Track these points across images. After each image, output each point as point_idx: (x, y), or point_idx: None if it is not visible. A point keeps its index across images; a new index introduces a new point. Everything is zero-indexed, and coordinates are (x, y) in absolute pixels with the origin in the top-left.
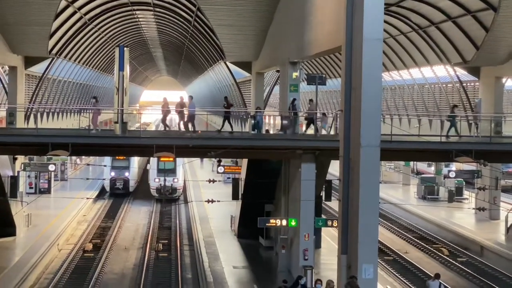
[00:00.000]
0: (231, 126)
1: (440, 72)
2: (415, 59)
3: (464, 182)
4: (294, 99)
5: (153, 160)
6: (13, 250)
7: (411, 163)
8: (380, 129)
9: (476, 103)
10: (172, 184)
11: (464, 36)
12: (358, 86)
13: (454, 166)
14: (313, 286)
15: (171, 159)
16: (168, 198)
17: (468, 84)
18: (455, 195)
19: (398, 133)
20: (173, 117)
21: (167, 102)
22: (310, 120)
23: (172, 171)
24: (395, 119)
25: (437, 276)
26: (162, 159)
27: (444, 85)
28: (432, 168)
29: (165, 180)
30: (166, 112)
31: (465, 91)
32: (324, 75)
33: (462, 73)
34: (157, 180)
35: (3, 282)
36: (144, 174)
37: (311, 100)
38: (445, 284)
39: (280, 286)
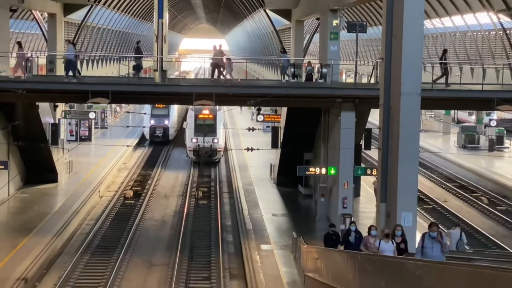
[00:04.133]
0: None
1: (483, 19)
2: (458, 6)
3: (505, 131)
4: (446, 50)
5: (190, 118)
6: (55, 197)
7: (452, 112)
8: (421, 77)
9: None
10: (212, 145)
11: None
12: (399, 33)
13: (495, 115)
14: (368, 232)
15: (211, 116)
16: (207, 161)
17: None
18: (495, 144)
19: (439, 81)
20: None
21: (220, 50)
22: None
23: (212, 130)
24: (436, 67)
25: (458, 225)
26: (200, 116)
27: (487, 33)
28: (473, 117)
29: (204, 140)
30: (217, 61)
31: (508, 39)
32: (364, 23)
33: (505, 20)
34: (194, 140)
35: (46, 228)
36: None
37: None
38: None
39: (328, 232)
